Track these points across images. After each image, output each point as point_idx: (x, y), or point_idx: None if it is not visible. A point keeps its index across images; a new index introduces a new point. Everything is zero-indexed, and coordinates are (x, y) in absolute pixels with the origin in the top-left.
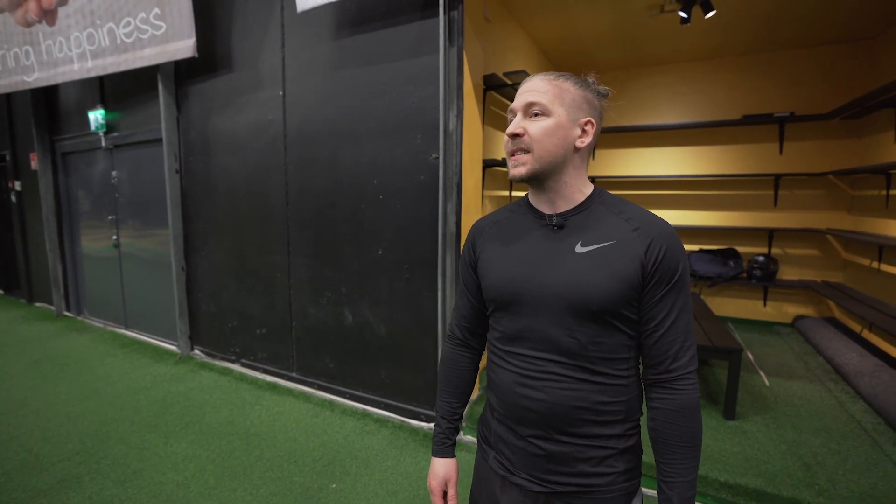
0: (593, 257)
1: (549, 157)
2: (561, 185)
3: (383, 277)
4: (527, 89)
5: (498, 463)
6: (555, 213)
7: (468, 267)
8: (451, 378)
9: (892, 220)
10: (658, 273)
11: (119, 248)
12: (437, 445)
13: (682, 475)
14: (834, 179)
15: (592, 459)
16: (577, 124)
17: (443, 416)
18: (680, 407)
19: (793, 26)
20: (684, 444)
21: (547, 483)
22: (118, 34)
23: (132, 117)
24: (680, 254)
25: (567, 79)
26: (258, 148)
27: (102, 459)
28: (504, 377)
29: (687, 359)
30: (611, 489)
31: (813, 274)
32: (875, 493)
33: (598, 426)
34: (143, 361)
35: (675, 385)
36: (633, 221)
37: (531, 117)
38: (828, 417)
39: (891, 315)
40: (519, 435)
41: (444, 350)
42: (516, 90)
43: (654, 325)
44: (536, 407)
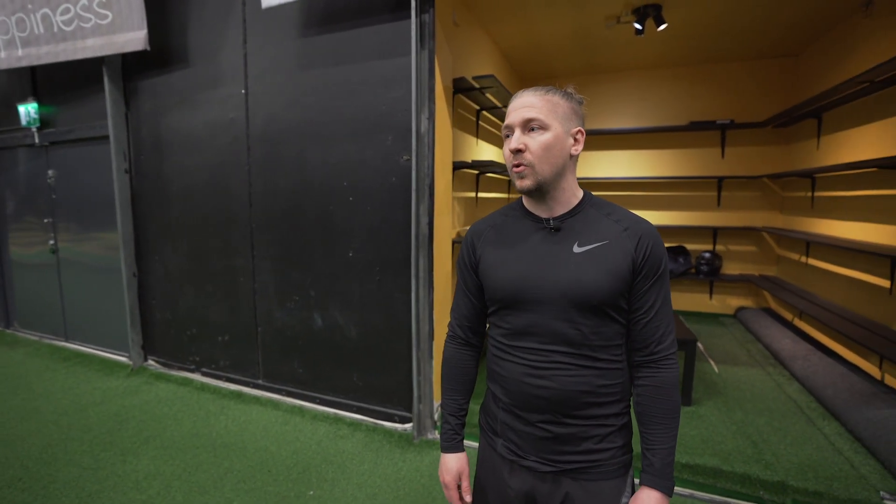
0: (590, 256)
1: (550, 168)
2: (559, 191)
3: (354, 279)
4: (521, 105)
5: (507, 449)
6: (552, 216)
7: (469, 269)
8: (455, 376)
9: (816, 219)
10: (646, 267)
11: (57, 253)
12: (446, 441)
13: (663, 442)
14: (768, 182)
15: (595, 437)
16: (570, 134)
17: (451, 413)
18: (662, 383)
19: (732, 41)
20: (666, 416)
21: (556, 463)
22: (55, 21)
23: (71, 112)
24: (663, 250)
25: (555, 92)
26: (218, 147)
27: (51, 484)
28: (511, 370)
29: (669, 341)
30: (612, 462)
31: (752, 268)
32: (811, 463)
33: (599, 407)
34: (89, 375)
35: (659, 365)
36: (622, 223)
37: (529, 132)
38: (769, 399)
39: (818, 304)
40: (527, 421)
41: (447, 349)
42: (485, 94)
43: (641, 313)
44: (545, 394)
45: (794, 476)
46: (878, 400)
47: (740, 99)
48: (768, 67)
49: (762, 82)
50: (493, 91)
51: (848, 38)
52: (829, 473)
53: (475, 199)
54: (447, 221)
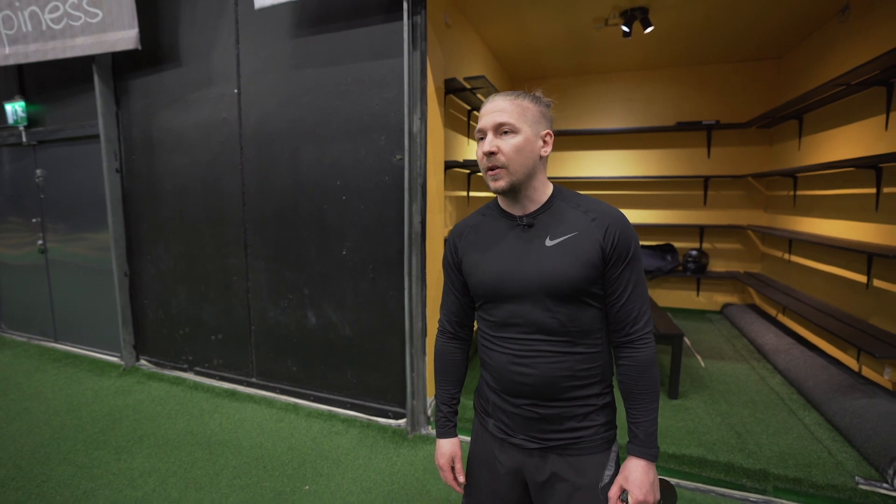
0: (561, 248)
1: (522, 169)
2: (531, 190)
3: (348, 278)
4: (493, 109)
5: (497, 428)
6: (524, 214)
7: (453, 267)
8: (446, 368)
9: (798, 217)
10: (616, 254)
11: (46, 253)
12: (440, 428)
13: (645, 415)
14: (752, 181)
15: (578, 416)
16: (539, 137)
17: (443, 402)
18: (640, 362)
19: (718, 44)
20: (646, 391)
21: (542, 440)
22: (43, 19)
23: (60, 111)
24: (631, 235)
25: (525, 97)
26: (211, 147)
27: (45, 483)
28: (497, 359)
29: (644, 322)
30: (595, 438)
31: (737, 266)
32: (791, 451)
33: (580, 389)
34: (80, 376)
35: (636, 344)
36: (590, 213)
37: (501, 135)
38: (753, 391)
39: (800, 300)
40: (514, 404)
41: (437, 344)
42: (476, 95)
43: (615, 297)
44: (528, 381)
45: (775, 464)
46: (855, 391)
47: (726, 100)
48: (752, 70)
49: (746, 84)
50: (484, 92)
51: (826, 43)
52: (808, 461)
53: (467, 197)
54: (439, 220)
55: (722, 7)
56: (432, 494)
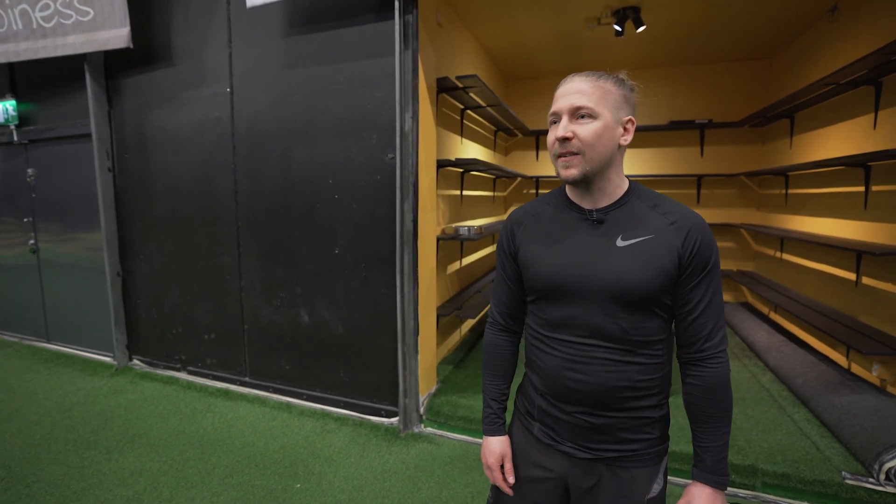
0: (634, 250)
1: (599, 158)
2: (606, 182)
3: (340, 277)
4: (570, 91)
5: (543, 433)
6: (595, 208)
7: (508, 256)
8: (495, 362)
9: (790, 216)
10: (693, 263)
11: (37, 253)
12: (488, 426)
13: (714, 440)
14: (745, 180)
15: (632, 428)
16: (620, 124)
17: (492, 397)
18: (712, 383)
19: (710, 43)
20: (717, 415)
21: (592, 450)
22: (34, 17)
23: (52, 110)
24: (712, 244)
25: (607, 79)
26: (204, 146)
27: (34, 483)
28: (549, 362)
29: (718, 339)
30: (647, 452)
31: (730, 264)
32: (780, 447)
33: (637, 400)
34: (72, 376)
35: (708, 363)
36: (669, 216)
37: (578, 119)
38: (744, 388)
39: (791, 298)
40: (564, 411)
41: (487, 336)
42: (468, 93)
43: (688, 310)
44: (583, 388)
45: (763, 460)
46: (843, 387)
47: (718, 99)
48: (744, 69)
49: (739, 83)
50: (476, 90)
51: (817, 42)
52: (796, 456)
53: (460, 196)
54: (431, 218)
55: (713, 7)
56: (423, 493)
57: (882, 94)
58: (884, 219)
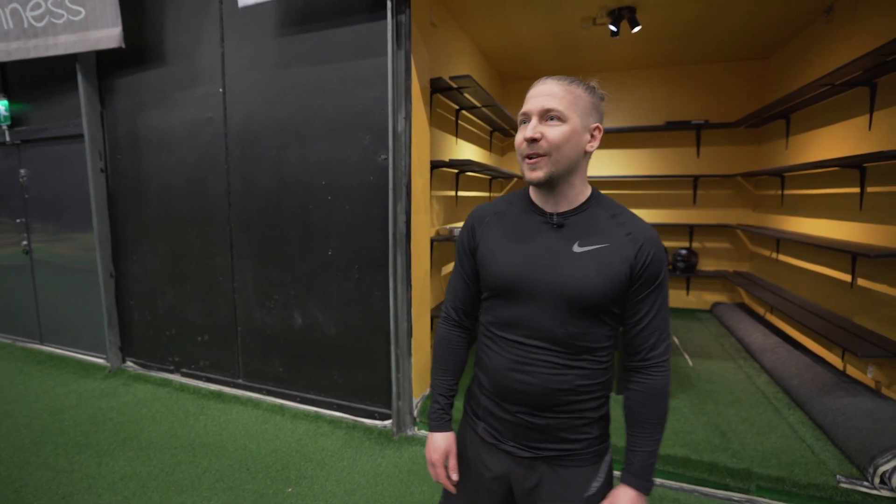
0: (589, 257)
1: (565, 161)
2: (569, 187)
3: (333, 278)
4: (542, 93)
5: (487, 432)
6: (556, 212)
7: (467, 252)
8: (446, 357)
9: (786, 217)
10: (644, 275)
11: (30, 254)
12: (434, 421)
13: (645, 445)
14: (741, 180)
15: (571, 428)
16: (587, 130)
17: (440, 393)
18: (652, 390)
19: (706, 43)
20: (652, 421)
21: (532, 449)
22: (25, 16)
23: (44, 110)
24: (664, 258)
25: (578, 84)
26: (196, 146)
27: (23, 488)
28: (497, 361)
29: (662, 349)
30: (587, 451)
31: (726, 265)
32: (774, 451)
33: (577, 403)
34: (64, 378)
35: (650, 371)
36: (625, 226)
37: (547, 121)
38: (739, 390)
39: (787, 299)
40: (508, 411)
41: (440, 331)
42: (463, 94)
43: (636, 320)
44: (525, 389)
45: (758, 463)
46: (839, 389)
47: (715, 100)
48: (740, 69)
49: (735, 84)
50: (470, 91)
51: (812, 43)
52: (791, 460)
53: (455, 197)
54: (425, 220)
55: (709, 7)
56: (416, 497)
57: (877, 96)
58: (879, 220)
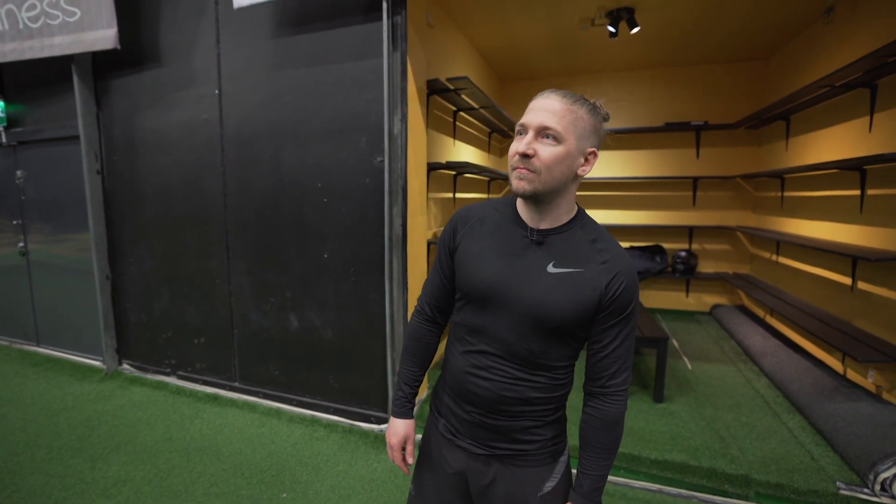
0: (561, 280)
1: (553, 182)
2: (553, 206)
3: (329, 281)
4: (543, 107)
5: (446, 428)
6: (537, 228)
7: (446, 251)
8: (414, 349)
9: (786, 219)
10: (612, 306)
11: (27, 255)
12: (397, 408)
13: (596, 469)
14: (741, 182)
15: (524, 430)
16: (582, 154)
17: (405, 381)
18: (606, 417)
19: (705, 44)
20: (603, 448)
21: (487, 447)
22: (20, 17)
23: (41, 112)
24: (635, 290)
25: (582, 104)
26: (192, 148)
27: (15, 493)
28: (458, 362)
29: (622, 378)
30: (540, 452)
31: (726, 267)
32: (774, 456)
33: (530, 411)
34: (60, 381)
35: (607, 399)
36: (603, 254)
37: (542, 138)
38: (738, 394)
39: (786, 302)
40: (464, 409)
41: (412, 324)
42: (459, 95)
43: (599, 347)
44: (480, 392)
45: (757, 469)
46: (839, 394)
47: (714, 101)
48: (740, 70)
49: (735, 85)
50: (468, 92)
51: (812, 44)
52: (790, 466)
53: (453, 199)
54: (422, 222)
55: (708, 8)
56: None
57: (878, 97)
58: (879, 223)
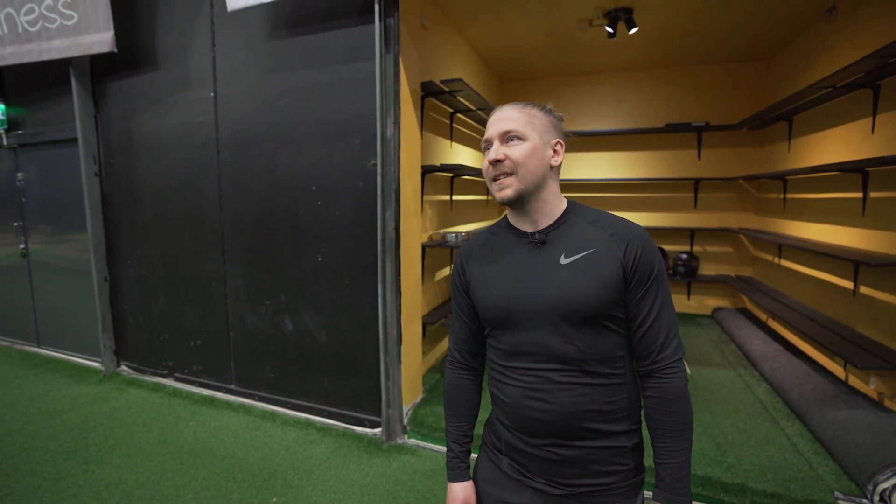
0: (577, 266)
1: (531, 177)
2: (542, 203)
3: (323, 284)
4: (499, 119)
5: (512, 468)
6: (536, 230)
7: (461, 291)
8: (457, 402)
9: (788, 221)
10: (637, 273)
11: (28, 257)
12: (452, 470)
13: (673, 456)
14: (743, 183)
15: (604, 460)
16: (549, 145)
17: (454, 440)
18: (668, 394)
19: (706, 44)
20: (676, 428)
21: (564, 486)
22: (19, 21)
23: (40, 114)
24: (654, 252)
25: (533, 106)
26: (188, 151)
27: (8, 496)
28: (510, 392)
29: (672, 348)
30: (621, 485)
31: (728, 269)
32: (771, 465)
33: (605, 424)
34: (59, 382)
35: (663, 374)
36: (608, 228)
37: (508, 142)
38: (737, 400)
39: (788, 305)
40: (532, 444)
41: (447, 375)
42: (454, 97)
43: (639, 322)
44: (547, 417)
45: (753, 478)
46: (839, 401)
47: (715, 101)
48: (742, 71)
49: (736, 85)
50: (463, 94)
51: (815, 44)
52: (787, 475)
53: (450, 201)
54: (416, 226)
55: (708, 8)
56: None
57: (880, 98)
58: (882, 226)
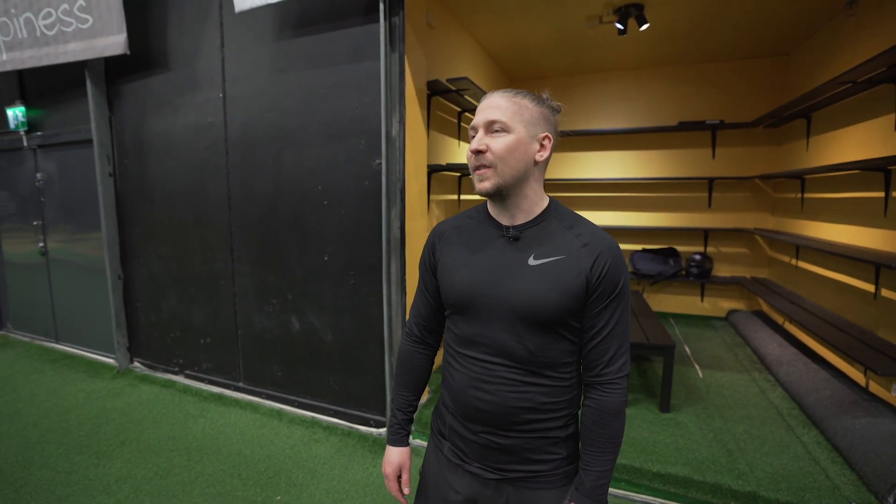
0: (544, 270)
1: (511, 171)
2: (521, 198)
3: (329, 283)
4: (486, 106)
5: (452, 453)
6: (512, 225)
7: (428, 270)
8: (405, 373)
9: (806, 221)
10: (601, 287)
11: (47, 255)
12: (392, 435)
13: (597, 465)
14: (759, 183)
15: (537, 449)
16: (535, 139)
17: (398, 408)
18: (605, 407)
19: (720, 41)
20: (604, 440)
21: (498, 471)
22: (37, 25)
23: (58, 116)
24: (622, 269)
25: (525, 96)
26: (198, 151)
27: (23, 487)
28: (458, 379)
29: (618, 365)
30: (555, 473)
31: (743, 271)
32: (785, 473)
33: (541, 422)
34: (75, 377)
35: (605, 388)
36: (582, 237)
37: (492, 133)
38: (751, 405)
39: (805, 308)
40: (472, 430)
41: (402, 346)
42: (462, 96)
43: (592, 333)
44: (486, 407)
45: (765, 486)
46: (858, 408)
47: (730, 99)
48: (758, 67)
49: (752, 82)
50: (470, 93)
51: (835, 38)
52: (802, 483)
53: (457, 201)
54: (421, 225)
55: (721, 2)
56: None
57: None
58: None
